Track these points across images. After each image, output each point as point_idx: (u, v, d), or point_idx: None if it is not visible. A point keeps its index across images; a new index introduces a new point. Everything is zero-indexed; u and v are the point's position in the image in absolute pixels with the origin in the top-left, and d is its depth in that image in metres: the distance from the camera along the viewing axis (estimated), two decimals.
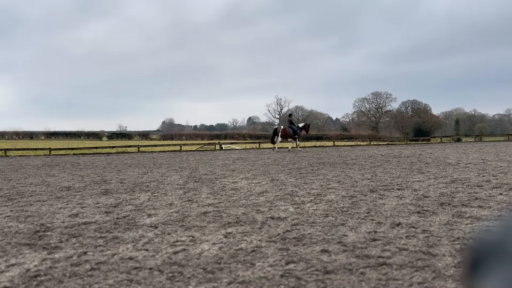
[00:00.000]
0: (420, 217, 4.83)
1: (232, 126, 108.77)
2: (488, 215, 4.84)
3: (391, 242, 3.77)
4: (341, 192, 6.91)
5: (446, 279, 2.81)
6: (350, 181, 8.44)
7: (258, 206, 5.79)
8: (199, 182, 8.93)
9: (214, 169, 11.96)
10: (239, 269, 3.14)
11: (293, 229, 4.40)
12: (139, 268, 3.27)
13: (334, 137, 52.99)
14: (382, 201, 6.00)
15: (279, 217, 5.04)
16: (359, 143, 35.90)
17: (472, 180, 8.09)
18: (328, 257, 3.38)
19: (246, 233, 4.26)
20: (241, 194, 6.96)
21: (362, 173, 9.84)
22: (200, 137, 69.97)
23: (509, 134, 40.54)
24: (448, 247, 3.57)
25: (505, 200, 5.75)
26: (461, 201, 5.81)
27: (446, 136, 42.08)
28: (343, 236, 4.02)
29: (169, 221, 4.95)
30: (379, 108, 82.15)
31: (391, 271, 3.00)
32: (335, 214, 5.10)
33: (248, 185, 8.13)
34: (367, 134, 61.93)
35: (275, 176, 9.62)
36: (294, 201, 6.14)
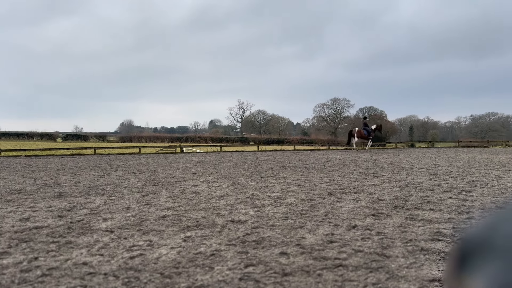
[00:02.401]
0: (375, 219, 5.00)
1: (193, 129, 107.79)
2: (439, 217, 5.07)
3: (347, 244, 3.87)
4: (300, 195, 7.01)
5: (399, 279, 2.92)
6: (310, 184, 8.58)
7: (219, 210, 5.76)
8: (158, 185, 8.76)
9: (174, 172, 11.78)
10: (198, 273, 3.11)
11: (253, 232, 4.41)
12: (94, 273, 3.16)
13: (295, 141, 53.73)
14: (339, 204, 6.14)
15: (239, 220, 5.04)
16: (318, 147, 36.62)
17: (424, 184, 8.46)
18: (287, 259, 3.42)
19: (205, 237, 4.23)
20: (202, 198, 6.90)
21: (321, 177, 10.04)
22: (160, 139, 68.69)
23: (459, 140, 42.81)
24: (401, 248, 3.71)
25: (455, 204, 6.05)
26: (413, 204, 6.06)
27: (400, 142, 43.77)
28: (302, 239, 4.08)
29: (125, 225, 4.82)
30: (338, 113, 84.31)
31: (347, 272, 3.07)
32: (294, 217, 5.17)
33: (208, 189, 8.07)
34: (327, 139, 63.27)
35: (236, 180, 9.62)
36: (254, 204, 6.16)
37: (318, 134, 76.89)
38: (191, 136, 72.54)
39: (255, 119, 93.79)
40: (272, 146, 36.29)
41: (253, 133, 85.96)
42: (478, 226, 0.59)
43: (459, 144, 37.76)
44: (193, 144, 52.60)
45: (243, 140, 67.39)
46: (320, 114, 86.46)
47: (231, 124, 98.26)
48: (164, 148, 30.31)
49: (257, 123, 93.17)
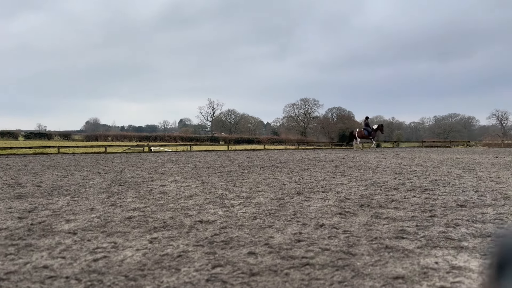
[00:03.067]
0: (342, 218, 5.08)
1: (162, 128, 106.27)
2: (403, 216, 5.21)
3: (314, 242, 3.91)
4: (269, 195, 7.03)
5: (364, 277, 2.97)
6: (279, 184, 8.63)
7: (187, 210, 5.69)
8: (125, 185, 8.57)
9: (141, 172, 11.56)
10: (164, 275, 3.06)
11: (221, 232, 4.38)
12: (55, 277, 3.04)
13: (265, 140, 53.95)
14: (307, 203, 6.20)
15: (207, 220, 5.00)
16: (288, 147, 36.94)
17: (389, 183, 8.69)
18: (255, 259, 3.42)
19: (172, 238, 4.17)
20: (170, 198, 6.80)
21: (290, 176, 10.12)
22: (127, 138, 67.22)
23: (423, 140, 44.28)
24: (366, 246, 3.78)
25: (418, 202, 6.24)
26: (379, 203, 6.20)
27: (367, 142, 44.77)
28: (270, 238, 4.09)
29: (89, 227, 4.67)
30: (307, 113, 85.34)
31: (313, 271, 3.10)
32: (263, 217, 5.18)
33: (177, 189, 7.96)
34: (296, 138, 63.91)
35: (205, 179, 9.54)
36: (223, 204, 6.13)
37: (288, 133, 77.57)
38: (160, 135, 71.41)
39: (226, 119, 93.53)
40: (243, 146, 36.27)
41: (223, 133, 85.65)
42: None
43: (423, 144, 39.06)
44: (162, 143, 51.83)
45: (213, 140, 67.05)
46: (290, 114, 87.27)
47: (201, 123, 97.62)
48: (132, 147, 29.70)
49: (228, 122, 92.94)
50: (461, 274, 3.02)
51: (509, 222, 4.80)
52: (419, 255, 3.49)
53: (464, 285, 2.79)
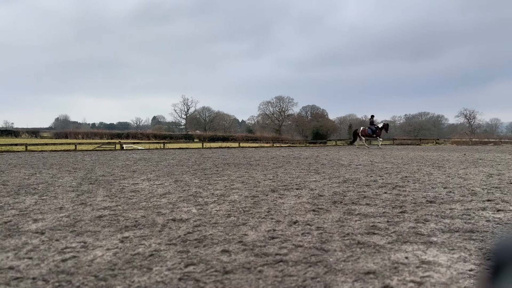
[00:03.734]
0: (315, 215, 5.12)
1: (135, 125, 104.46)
2: (374, 212, 5.31)
3: (288, 239, 3.93)
4: (244, 192, 7.02)
5: (337, 273, 3.00)
6: (253, 181, 8.63)
7: (159, 208, 5.61)
8: (95, 184, 8.37)
9: (113, 170, 11.32)
10: (135, 275, 3.00)
11: (195, 230, 4.34)
12: (21, 278, 2.93)
13: (240, 138, 53.87)
14: (281, 200, 6.23)
15: (181, 219, 4.94)
16: (263, 144, 37.03)
17: (361, 180, 8.83)
18: (228, 257, 3.40)
19: (144, 237, 4.09)
20: (142, 196, 6.68)
21: (265, 174, 10.14)
22: (98, 135, 65.64)
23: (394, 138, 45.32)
24: (339, 242, 3.82)
25: (389, 198, 6.37)
26: (351, 199, 6.30)
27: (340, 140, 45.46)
28: (244, 236, 4.08)
29: (58, 227, 4.53)
30: (282, 111, 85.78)
31: (287, 267, 3.11)
32: (237, 214, 5.16)
33: (149, 187, 7.84)
34: (271, 136, 64.14)
35: (179, 177, 9.44)
36: (197, 202, 6.07)
37: (263, 131, 77.76)
38: (133, 133, 70.08)
39: (200, 116, 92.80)
40: (217, 143, 36.07)
41: (198, 130, 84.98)
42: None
43: (394, 142, 39.99)
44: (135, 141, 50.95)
45: (188, 137, 66.42)
46: (265, 111, 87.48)
47: (175, 120, 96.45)
48: (103, 144, 29.06)
49: (202, 120, 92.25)
50: (431, 268, 3.10)
51: (500, 227, 4.96)
52: (390, 251, 3.56)
53: (434, 280, 2.86)
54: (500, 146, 30.50)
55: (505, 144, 33.91)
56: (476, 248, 3.63)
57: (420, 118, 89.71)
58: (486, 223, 4.64)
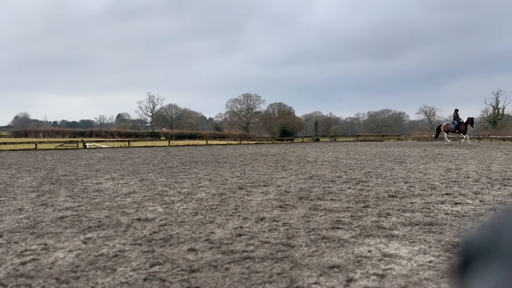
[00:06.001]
0: (282, 211, 5.18)
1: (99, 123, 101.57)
2: (339, 207, 5.42)
3: (255, 236, 3.95)
4: (211, 190, 6.99)
5: (302, 268, 3.05)
6: (221, 179, 8.61)
7: (124, 208, 5.49)
8: (57, 184, 8.08)
9: (75, 170, 10.97)
10: (98, 276, 2.92)
11: (161, 230, 4.28)
12: None
13: (207, 136, 53.53)
14: (249, 197, 6.25)
15: (146, 218, 4.86)
16: (231, 142, 36.96)
17: (327, 176, 9.00)
18: (195, 255, 3.38)
19: (108, 237, 4.00)
20: (106, 196, 6.52)
21: (232, 171, 10.13)
22: (60, 134, 63.37)
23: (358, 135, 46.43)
24: (304, 238, 3.88)
25: (353, 193, 6.52)
26: (317, 195, 6.40)
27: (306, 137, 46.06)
28: (211, 234, 4.06)
29: (17, 229, 4.35)
30: (250, 109, 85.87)
31: (253, 264, 3.13)
32: (204, 212, 5.13)
33: (114, 186, 7.66)
34: (239, 133, 64.11)
35: (144, 176, 9.27)
36: (163, 201, 5.99)
37: (231, 129, 77.55)
38: (96, 131, 68.09)
39: (167, 113, 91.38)
40: (184, 141, 35.70)
41: (164, 128, 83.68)
42: (480, 229, 0.56)
43: (358, 138, 40.96)
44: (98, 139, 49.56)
45: (154, 135, 65.29)
46: (233, 109, 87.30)
47: (140, 118, 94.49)
48: (65, 143, 28.08)
49: (169, 117, 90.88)
50: (392, 261, 3.21)
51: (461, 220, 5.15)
52: (354, 244, 3.66)
53: (395, 272, 2.97)
54: (457, 142, 31.85)
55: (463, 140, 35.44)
56: (435, 240, 3.78)
57: (383, 115, 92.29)
58: (445, 216, 4.84)
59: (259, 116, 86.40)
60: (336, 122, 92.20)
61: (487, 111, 59.28)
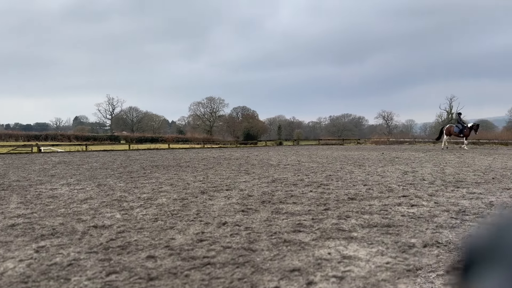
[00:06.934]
0: (244, 215, 5.16)
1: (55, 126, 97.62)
2: (300, 210, 5.47)
3: (216, 241, 3.91)
4: (173, 195, 6.87)
5: (263, 272, 3.04)
6: (183, 183, 8.48)
7: (80, 215, 5.28)
8: (8, 190, 7.67)
9: (28, 175, 10.46)
10: (51, 286, 2.78)
11: (118, 237, 4.14)
12: None
13: (169, 139, 52.73)
14: (211, 202, 6.19)
15: (103, 225, 4.69)
16: (194, 146, 36.59)
17: (289, 179, 9.08)
18: (154, 263, 3.29)
19: (62, 246, 3.82)
20: (60, 202, 6.25)
21: (195, 175, 10.02)
22: (13, 137, 60.35)
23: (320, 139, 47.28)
24: (266, 242, 3.88)
25: (314, 196, 6.61)
26: (279, 198, 6.44)
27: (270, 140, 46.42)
28: (171, 240, 3.98)
29: None
30: (213, 112, 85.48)
31: (214, 270, 3.09)
32: (164, 218, 5.03)
33: (69, 192, 7.36)
34: (202, 137, 63.59)
35: (102, 181, 8.98)
36: (122, 207, 5.82)
37: (194, 132, 76.83)
38: (52, 134, 65.35)
39: (127, 116, 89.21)
40: (145, 145, 34.96)
41: (124, 131, 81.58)
42: (482, 233, 0.56)
43: (319, 142, 41.74)
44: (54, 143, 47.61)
45: (113, 139, 63.51)
46: (196, 112, 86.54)
47: (99, 121, 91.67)
48: (18, 147, 26.75)
49: (129, 120, 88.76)
50: (351, 263, 3.26)
51: None
52: (314, 247, 3.70)
53: (354, 274, 3.02)
54: (414, 145, 33.16)
55: (419, 144, 36.93)
56: (392, 241, 3.89)
57: (344, 119, 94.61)
58: (401, 217, 5.00)
59: (222, 120, 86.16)
60: (299, 126, 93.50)
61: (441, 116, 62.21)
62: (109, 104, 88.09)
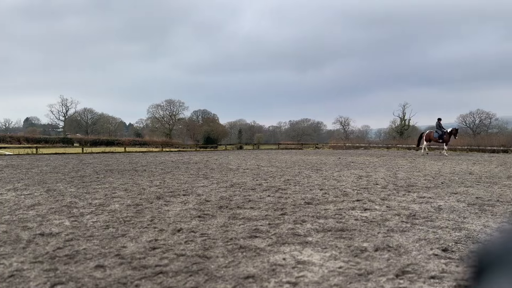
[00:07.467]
0: (201, 221, 5.08)
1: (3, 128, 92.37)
2: (257, 215, 5.47)
3: (170, 249, 3.81)
4: (126, 201, 6.66)
5: (217, 280, 3.00)
6: (138, 188, 8.25)
7: (26, 222, 4.99)
8: None
9: None
10: None
11: (66, 245, 3.95)
12: None
13: (126, 142, 51.30)
14: (167, 207, 6.06)
15: (50, 233, 4.46)
16: (151, 149, 35.80)
17: (248, 184, 9.08)
18: (103, 272, 3.16)
19: (4, 255, 3.59)
20: (5, 209, 5.89)
21: (151, 180, 9.78)
22: None
23: (279, 143, 47.75)
24: (222, 248, 3.84)
25: (272, 201, 6.63)
26: (237, 203, 6.41)
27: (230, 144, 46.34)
28: (122, 248, 3.84)
29: None
30: (173, 115, 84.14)
31: (166, 279, 3.01)
32: (116, 225, 4.85)
33: (16, 198, 6.95)
34: (161, 140, 62.36)
35: (52, 186, 8.56)
36: (71, 214, 5.56)
37: (152, 135, 75.22)
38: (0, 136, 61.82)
39: (82, 118, 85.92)
40: (100, 148, 33.79)
41: (78, 134, 78.53)
42: (495, 238, 0.56)
43: (279, 146, 42.15)
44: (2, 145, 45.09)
45: (66, 141, 60.94)
46: (155, 115, 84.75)
47: (52, 123, 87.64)
48: None
49: (84, 122, 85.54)
50: (305, 268, 3.29)
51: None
52: (270, 253, 3.69)
53: (307, 279, 3.04)
54: (369, 150, 34.21)
55: (373, 148, 38.16)
56: (345, 246, 3.96)
57: (303, 124, 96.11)
58: (355, 221, 5.12)
59: (182, 123, 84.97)
60: (259, 130, 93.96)
61: (395, 122, 64.68)
62: (63, 105, 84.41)
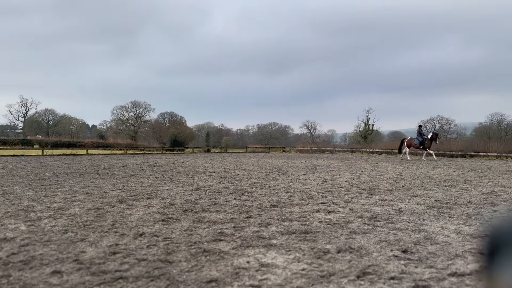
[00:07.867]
0: (164, 225, 4.99)
1: None
2: (223, 218, 5.43)
3: (131, 253, 3.71)
4: (87, 205, 6.45)
5: (179, 285, 2.94)
6: (100, 192, 8.01)
7: None
8: None
9: None
10: None
11: (21, 250, 3.77)
12: None
13: (89, 144, 49.78)
14: (129, 211, 5.91)
15: (5, 238, 4.25)
16: (115, 151, 34.92)
17: (214, 187, 9.02)
18: (59, 278, 3.03)
19: None
20: None
21: (114, 183, 9.53)
22: None
23: (247, 146, 47.85)
24: (185, 252, 3.78)
25: (238, 204, 6.61)
26: (202, 207, 6.35)
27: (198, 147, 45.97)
28: (81, 253, 3.71)
29: None
30: (138, 117, 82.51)
31: (126, 284, 2.92)
32: (75, 229, 4.68)
33: None
34: (125, 142, 60.96)
35: (8, 189, 8.18)
36: (28, 218, 5.33)
37: (117, 137, 73.38)
38: None
39: (42, 119, 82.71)
40: (61, 150, 32.58)
41: (39, 135, 75.50)
42: (506, 220, 0.57)
43: (246, 149, 42.24)
44: None
45: (26, 143, 58.45)
46: (119, 116, 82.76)
47: (10, 123, 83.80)
48: None
49: (45, 123, 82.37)
50: (269, 271, 3.29)
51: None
52: (234, 256, 3.67)
53: (270, 282, 3.04)
54: (334, 154, 34.85)
55: (339, 152, 38.90)
56: (309, 248, 4.00)
57: (271, 127, 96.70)
58: (319, 224, 5.18)
59: (148, 125, 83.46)
60: (227, 133, 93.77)
61: (359, 126, 66.22)
62: (22, 106, 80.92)
